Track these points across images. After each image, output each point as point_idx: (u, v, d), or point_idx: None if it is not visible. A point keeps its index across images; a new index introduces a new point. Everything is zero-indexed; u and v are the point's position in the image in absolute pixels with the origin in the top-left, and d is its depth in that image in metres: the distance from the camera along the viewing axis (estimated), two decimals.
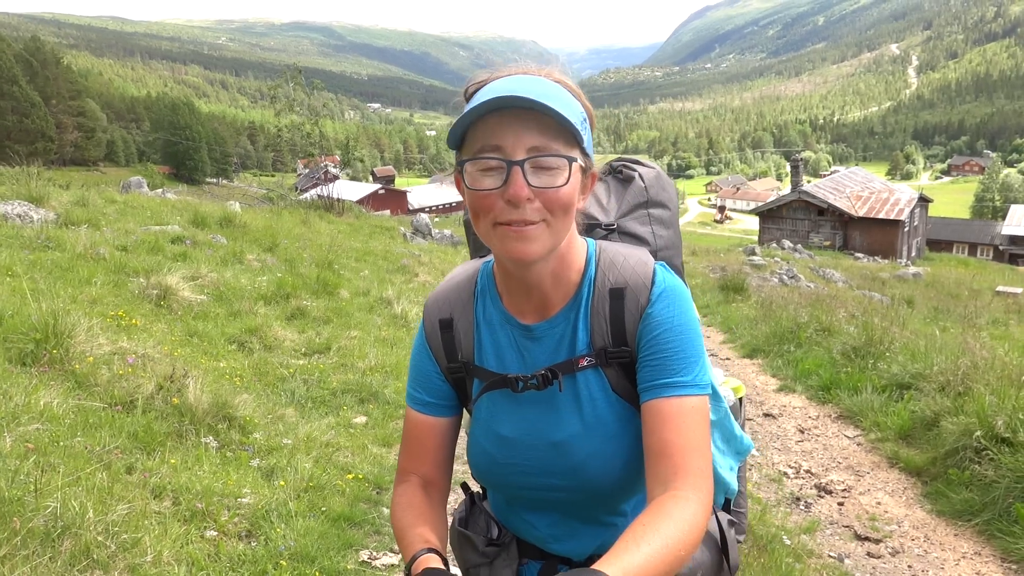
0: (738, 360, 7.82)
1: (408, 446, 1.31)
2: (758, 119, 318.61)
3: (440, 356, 1.28)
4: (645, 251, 1.24)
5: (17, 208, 8.43)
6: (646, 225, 1.40)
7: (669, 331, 1.14)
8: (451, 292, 1.29)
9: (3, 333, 4.26)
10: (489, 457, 1.26)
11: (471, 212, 1.11)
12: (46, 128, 65.19)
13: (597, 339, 1.18)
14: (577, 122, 1.07)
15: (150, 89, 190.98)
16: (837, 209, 40.30)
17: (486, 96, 1.05)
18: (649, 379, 1.14)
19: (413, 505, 1.24)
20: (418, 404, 1.30)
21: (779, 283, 16.30)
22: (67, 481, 2.81)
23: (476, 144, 1.07)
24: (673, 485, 1.07)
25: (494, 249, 1.12)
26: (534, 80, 1.10)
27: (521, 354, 1.23)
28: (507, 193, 1.04)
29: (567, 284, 1.19)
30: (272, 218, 14.53)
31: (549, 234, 1.08)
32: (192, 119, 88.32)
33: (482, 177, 1.07)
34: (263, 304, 7.04)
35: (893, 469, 4.69)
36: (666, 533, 0.99)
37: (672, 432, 1.09)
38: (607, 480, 1.19)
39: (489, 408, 1.26)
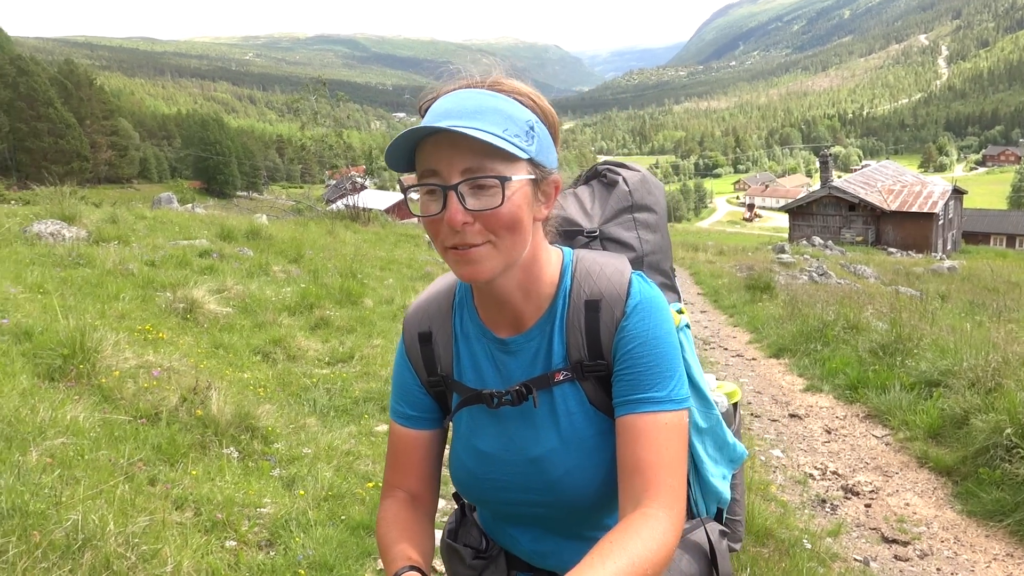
0: (764, 360, 7.72)
1: (393, 460, 1.31)
2: (785, 115, 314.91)
3: (420, 369, 1.27)
4: (623, 260, 1.21)
5: (50, 227, 8.64)
6: (631, 230, 1.38)
7: (644, 344, 1.12)
8: (430, 305, 1.28)
9: (33, 349, 4.37)
10: (469, 472, 1.25)
11: (428, 235, 1.11)
12: (81, 148, 66.85)
13: (573, 352, 1.16)
14: (518, 134, 1.05)
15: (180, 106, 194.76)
16: (869, 204, 39.63)
17: (426, 120, 1.06)
18: (623, 394, 1.12)
19: (398, 521, 1.23)
20: (401, 418, 1.30)
21: (808, 281, 16.07)
22: (89, 494, 2.87)
23: (418, 168, 1.06)
24: (644, 503, 1.05)
25: (449, 266, 1.11)
26: (470, 96, 1.07)
27: (498, 368, 1.21)
28: (445, 219, 1.03)
29: (539, 297, 1.17)
30: (298, 229, 14.72)
31: (497, 253, 1.06)
32: (221, 134, 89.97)
33: (427, 202, 1.06)
34: (287, 315, 7.13)
35: (922, 469, 4.59)
36: (633, 551, 0.97)
37: (645, 449, 1.07)
38: (586, 495, 1.17)
39: (469, 423, 1.25)
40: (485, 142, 1.01)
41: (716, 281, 14.30)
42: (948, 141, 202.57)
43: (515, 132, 1.05)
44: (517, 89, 1.12)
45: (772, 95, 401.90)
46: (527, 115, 1.09)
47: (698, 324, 10.12)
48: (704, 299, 12.71)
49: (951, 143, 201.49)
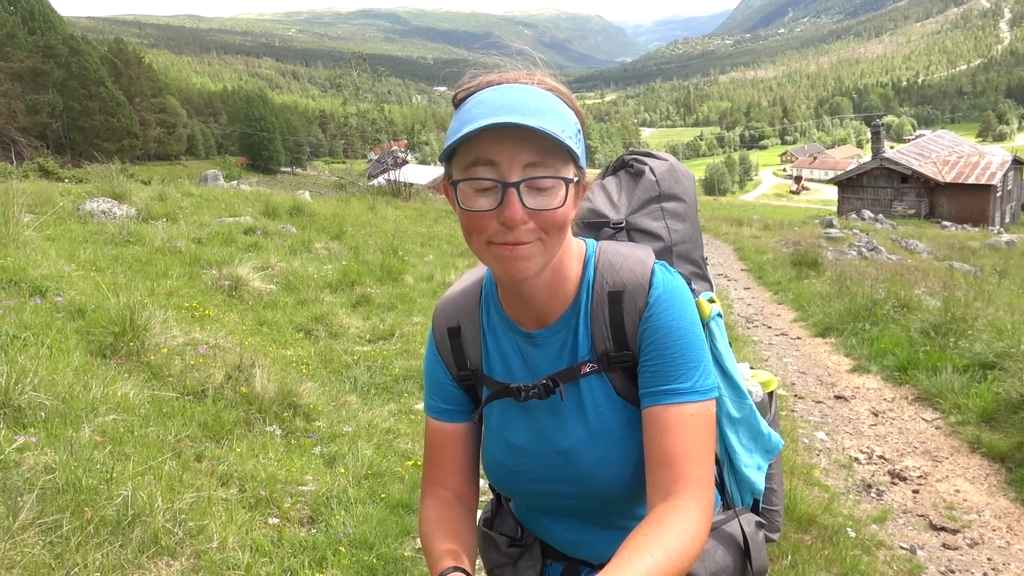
0: (809, 339, 7.56)
1: (431, 455, 1.31)
2: (836, 84, 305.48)
3: (450, 364, 1.28)
4: (647, 250, 1.20)
5: (101, 205, 8.86)
6: (659, 220, 1.36)
7: (668, 336, 1.11)
8: (458, 300, 1.29)
9: (86, 327, 4.50)
10: (501, 464, 1.26)
11: (464, 229, 1.08)
12: (131, 125, 68.38)
13: (598, 344, 1.16)
14: (572, 135, 1.04)
15: (226, 83, 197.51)
16: (922, 175, 38.34)
17: (478, 111, 1.02)
18: (648, 385, 1.12)
19: (440, 520, 1.23)
20: (435, 412, 1.30)
21: (857, 256, 15.65)
22: (139, 470, 2.96)
23: (469, 158, 1.03)
24: (673, 494, 1.05)
25: (488, 266, 1.10)
26: (526, 92, 1.05)
27: (525, 361, 1.22)
28: (502, 216, 1.02)
29: (565, 291, 1.17)
30: (340, 206, 14.85)
31: (543, 251, 1.06)
32: (266, 110, 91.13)
33: (476, 197, 1.04)
34: (329, 292, 7.22)
35: (974, 454, 4.45)
36: (668, 544, 0.98)
37: (672, 441, 1.07)
38: (617, 486, 1.17)
39: (499, 416, 1.25)
40: (549, 140, 1.01)
41: (761, 257, 14.02)
42: (1009, 109, 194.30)
43: (570, 134, 1.04)
44: (563, 90, 1.12)
45: (822, 63, 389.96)
46: (574, 117, 1.09)
47: (741, 301, 9.96)
48: (748, 275, 12.49)
49: (1012, 111, 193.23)
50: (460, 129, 1.02)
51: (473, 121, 1.01)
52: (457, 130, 1.03)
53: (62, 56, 64.87)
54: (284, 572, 2.81)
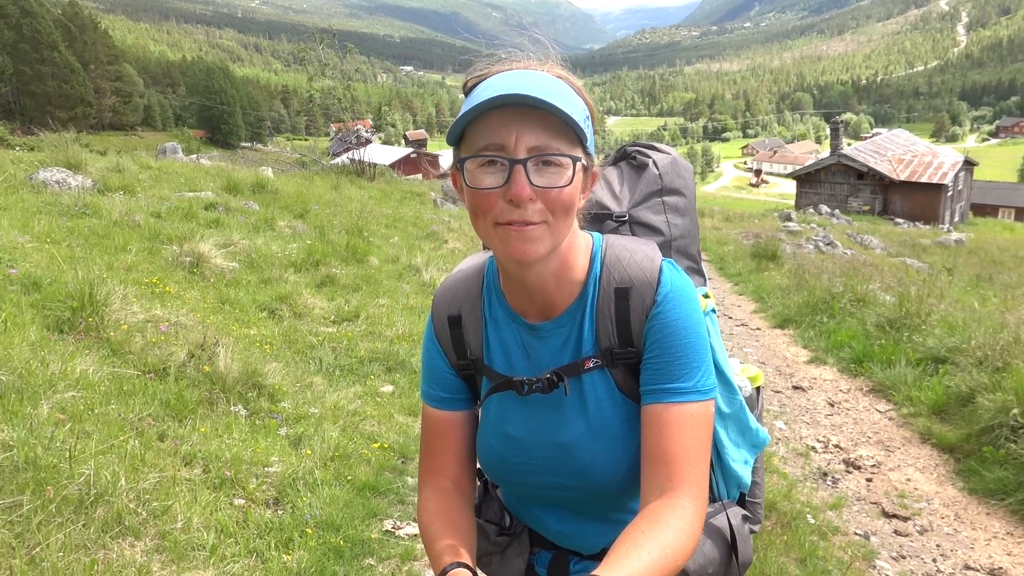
0: (768, 331, 7.72)
1: (429, 444, 1.30)
2: (798, 80, 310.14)
3: (450, 352, 1.27)
4: (652, 246, 1.20)
5: (56, 175, 8.57)
6: (660, 214, 1.36)
7: (673, 334, 1.12)
8: (459, 287, 1.27)
9: (42, 300, 4.36)
10: (497, 455, 1.25)
11: (471, 211, 1.08)
12: (85, 93, 66.11)
13: (603, 339, 1.16)
14: (580, 120, 1.04)
15: (185, 53, 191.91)
16: (878, 173, 39.22)
17: (488, 92, 1.02)
18: (650, 382, 1.12)
19: (440, 512, 1.22)
20: (434, 400, 1.29)
21: (815, 250, 15.99)
22: (101, 448, 2.90)
23: (477, 142, 1.04)
24: (669, 492, 1.06)
25: (494, 249, 1.10)
26: (537, 76, 1.06)
27: (527, 353, 1.21)
28: (509, 192, 1.02)
29: (571, 284, 1.16)
30: (304, 184, 14.61)
31: (550, 235, 1.06)
32: (227, 83, 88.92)
33: (483, 175, 1.04)
34: (293, 271, 7.12)
35: (925, 445, 4.61)
36: (664, 542, 0.99)
37: (671, 440, 1.08)
38: (614, 480, 1.18)
39: (498, 408, 1.24)
40: (558, 120, 1.02)
41: (722, 248, 14.23)
42: (962, 111, 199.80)
43: (579, 117, 1.04)
44: (574, 80, 1.12)
45: (785, 58, 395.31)
46: (583, 105, 1.10)
47: None
48: (710, 266, 12.66)
49: (965, 113, 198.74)
50: (467, 109, 1.03)
51: (480, 100, 1.01)
52: (465, 111, 1.04)
53: (12, 17, 62.27)
54: (250, 553, 2.78)
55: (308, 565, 2.77)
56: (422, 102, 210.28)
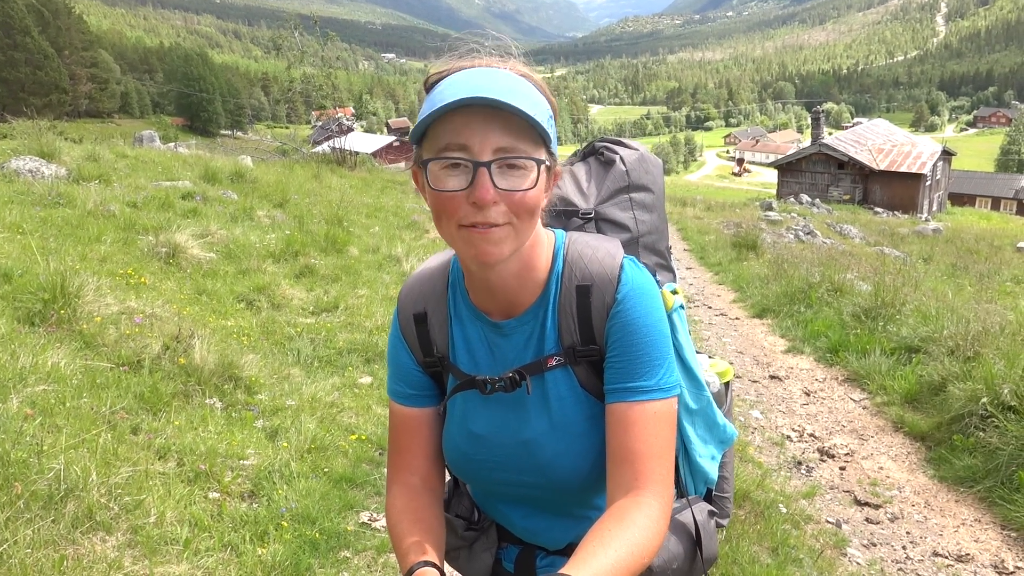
0: (747, 320, 7.78)
1: (397, 441, 1.29)
2: (780, 69, 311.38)
3: (416, 350, 1.26)
4: (615, 243, 1.20)
5: (28, 164, 8.43)
6: (627, 211, 1.36)
7: (634, 333, 1.12)
8: (424, 285, 1.27)
9: (12, 292, 4.31)
10: (462, 453, 1.25)
11: (434, 213, 1.07)
12: (59, 80, 64.95)
13: (565, 337, 1.16)
14: (544, 120, 1.04)
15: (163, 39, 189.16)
16: (858, 162, 39.54)
17: (451, 91, 1.01)
18: (613, 381, 1.13)
19: (408, 510, 1.22)
20: (401, 397, 1.29)
21: (794, 239, 16.11)
22: (72, 443, 2.87)
23: (440, 142, 1.02)
24: (635, 491, 1.07)
25: (458, 251, 1.09)
26: (499, 75, 1.05)
27: (492, 351, 1.21)
28: (473, 195, 1.01)
29: (533, 283, 1.16)
30: (284, 173, 14.49)
31: (514, 236, 1.05)
32: (205, 70, 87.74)
33: (446, 177, 1.03)
34: (272, 262, 7.06)
35: (897, 434, 4.68)
36: (631, 540, 1.00)
37: (635, 439, 1.09)
38: (576, 477, 1.19)
39: (462, 405, 1.24)
40: (522, 121, 1.01)
41: (703, 238, 14.30)
42: (940, 101, 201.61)
43: (542, 118, 1.04)
44: (536, 78, 1.12)
45: (767, 48, 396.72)
46: (547, 104, 1.10)
47: (683, 281, 10.16)
48: (690, 255, 12.73)
49: (943, 103, 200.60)
50: (430, 109, 1.01)
51: (444, 101, 0.99)
52: (427, 111, 1.02)
53: None
54: (224, 547, 2.77)
55: (283, 558, 2.77)
56: (404, 90, 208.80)
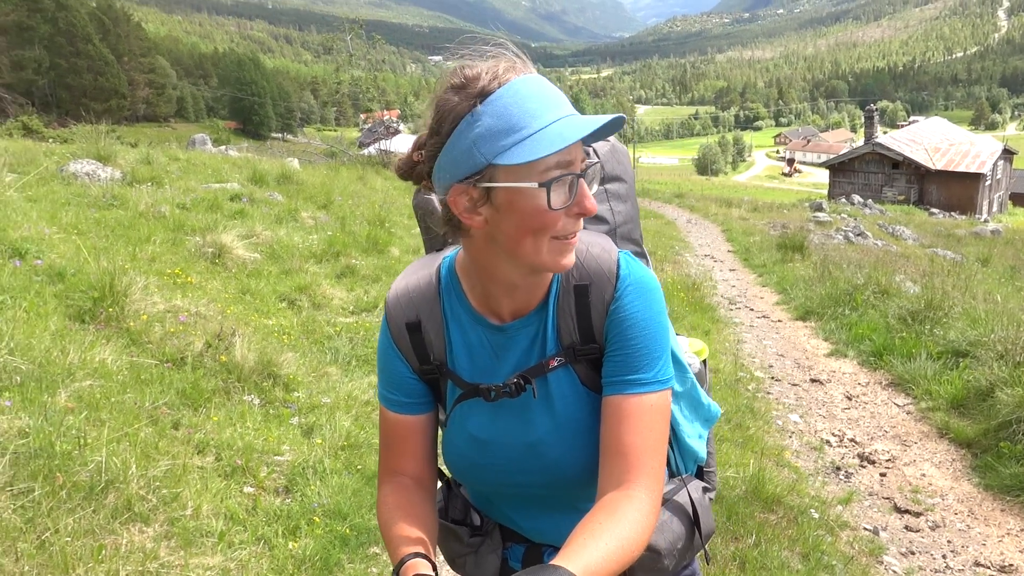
0: (790, 323, 7.64)
1: (390, 447, 1.28)
2: (833, 67, 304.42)
3: (411, 358, 1.25)
4: (604, 238, 1.21)
5: (86, 167, 8.75)
6: (603, 203, 1.36)
7: (634, 327, 1.13)
8: (413, 292, 1.24)
9: (65, 291, 4.48)
10: (465, 458, 1.25)
11: (529, 231, 1.04)
12: (119, 85, 67.23)
13: (565, 336, 1.17)
14: None
15: (217, 45, 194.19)
16: (913, 162, 38.43)
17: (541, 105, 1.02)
18: (612, 374, 1.13)
19: (400, 506, 1.21)
20: (394, 405, 1.27)
21: (843, 241, 15.74)
22: (114, 436, 2.98)
23: (549, 161, 1.02)
24: (626, 484, 1.07)
25: (539, 262, 1.07)
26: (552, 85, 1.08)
27: (496, 354, 1.21)
28: (581, 206, 1.05)
29: (542, 285, 1.17)
30: (329, 174, 14.74)
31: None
32: (257, 74, 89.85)
33: (555, 194, 1.04)
34: (314, 262, 7.20)
35: (942, 440, 4.54)
36: (621, 533, 1.01)
37: (629, 432, 1.09)
38: (584, 472, 1.19)
39: (462, 410, 1.24)
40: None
41: (748, 239, 14.08)
42: (1002, 98, 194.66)
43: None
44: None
45: (820, 45, 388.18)
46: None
47: (726, 283, 10.02)
48: (734, 257, 12.55)
49: (1005, 100, 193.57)
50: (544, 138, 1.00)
51: (560, 127, 1.01)
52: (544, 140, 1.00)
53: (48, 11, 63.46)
54: (257, 541, 2.85)
55: (313, 552, 2.83)
56: None
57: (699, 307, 7.88)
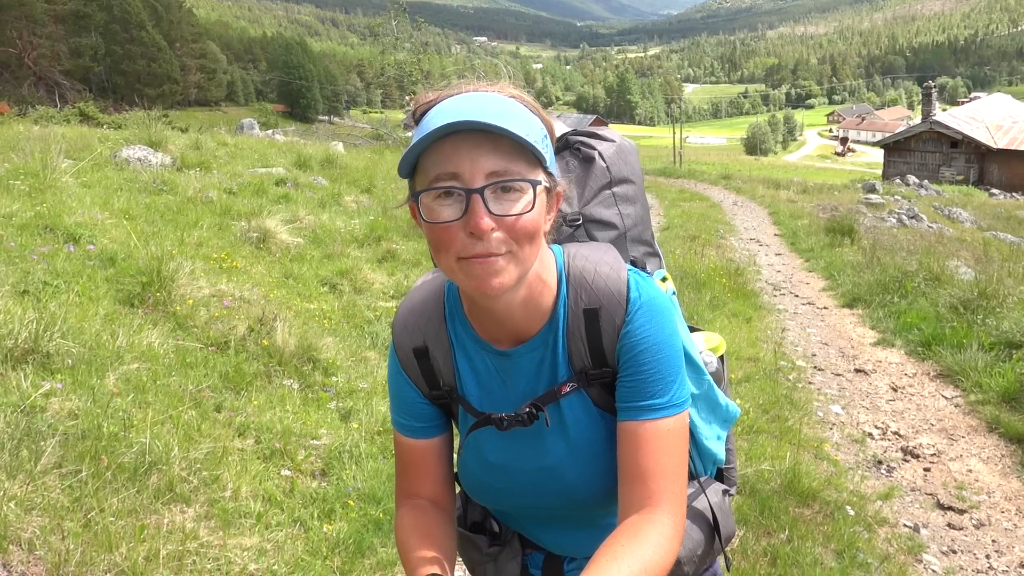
0: (836, 310, 7.46)
1: (405, 471, 1.27)
2: (889, 42, 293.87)
3: (421, 384, 1.23)
4: (613, 253, 1.18)
5: (138, 152, 8.99)
6: (612, 207, 1.31)
7: (646, 351, 1.10)
8: (420, 317, 1.22)
9: (115, 275, 4.63)
10: (480, 482, 1.25)
11: (431, 246, 1.04)
12: (172, 71, 68.75)
13: (576, 361, 1.15)
14: (538, 140, 1.01)
15: (265, 29, 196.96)
16: (973, 140, 36.97)
17: (438, 119, 0.98)
18: (626, 399, 1.11)
19: (418, 527, 1.20)
20: (407, 430, 1.26)
21: (896, 224, 15.26)
22: (159, 418, 3.08)
23: (431, 172, 1.00)
24: (647, 508, 1.06)
25: (460, 284, 1.07)
26: (486, 98, 1.03)
27: (502, 379, 1.19)
28: (469, 224, 0.98)
29: (541, 309, 1.13)
30: (373, 158, 14.87)
31: (516, 264, 1.02)
32: (304, 58, 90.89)
33: (439, 208, 1.00)
34: (356, 247, 7.30)
35: (992, 435, 4.41)
36: (643, 556, 1.00)
37: (647, 457, 1.08)
38: (599, 494, 1.18)
39: (476, 438, 1.22)
40: (514, 143, 0.98)
41: (795, 222, 13.76)
42: None
43: (536, 138, 1.01)
44: (527, 98, 1.08)
45: (876, 19, 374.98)
46: (540, 123, 1.07)
47: (771, 268, 9.83)
48: (780, 241, 12.29)
49: None
50: (416, 139, 1.00)
51: (430, 128, 0.98)
52: (414, 141, 1.00)
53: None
54: (294, 523, 2.93)
55: (347, 536, 2.89)
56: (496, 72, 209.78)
57: (741, 293, 7.76)
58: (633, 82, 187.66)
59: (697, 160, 53.35)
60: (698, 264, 8.64)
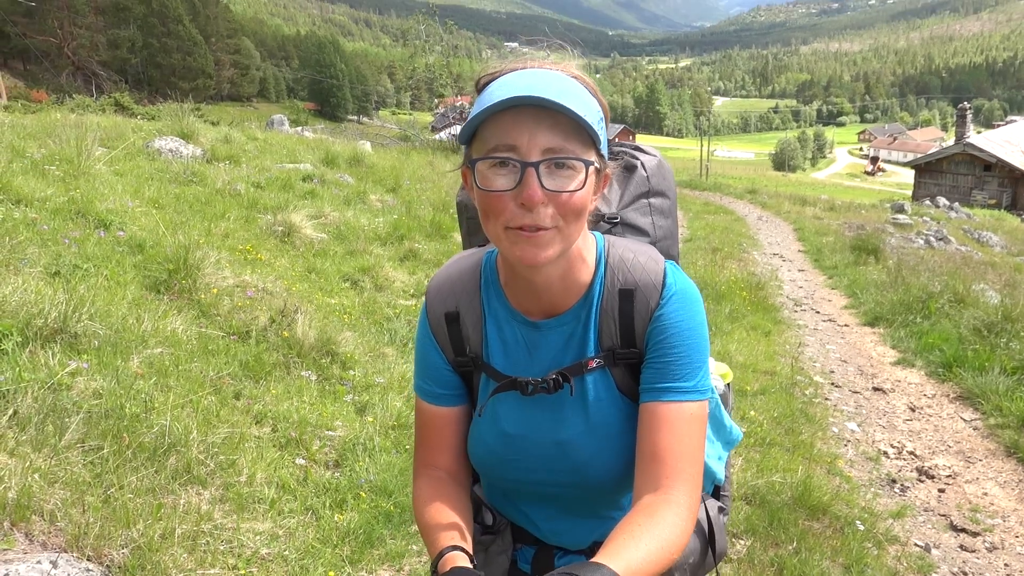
0: (857, 328, 7.40)
1: (425, 438, 1.30)
2: (926, 62, 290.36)
3: (447, 349, 1.27)
4: (653, 249, 1.21)
5: (170, 144, 9.15)
6: (647, 216, 1.36)
7: (677, 335, 1.13)
8: (455, 283, 1.26)
9: (143, 262, 4.73)
10: (492, 452, 1.26)
11: (481, 212, 1.07)
12: (206, 65, 69.72)
13: (605, 339, 1.18)
14: (594, 122, 1.04)
15: (299, 27, 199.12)
16: (1007, 164, 36.39)
17: (501, 91, 1.01)
18: (651, 381, 1.14)
19: (436, 499, 1.22)
20: (428, 396, 1.29)
21: (924, 245, 15.08)
22: (179, 402, 3.15)
23: (489, 142, 1.03)
24: (663, 488, 1.08)
25: (504, 252, 1.09)
26: (551, 76, 1.06)
27: (529, 350, 1.22)
28: (521, 196, 1.01)
29: (578, 285, 1.17)
30: (400, 158, 14.99)
31: (560, 239, 1.06)
32: (336, 57, 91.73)
33: (494, 176, 1.03)
34: (378, 244, 7.37)
35: (1010, 459, 4.35)
36: (660, 535, 1.02)
37: (667, 437, 1.10)
38: (610, 477, 1.20)
39: (493, 404, 1.24)
40: (572, 121, 1.01)
41: (820, 239, 13.65)
42: None
43: (593, 120, 1.04)
44: (589, 81, 1.12)
45: (912, 39, 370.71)
46: (598, 107, 1.10)
47: (793, 283, 9.77)
48: (804, 257, 12.20)
49: None
50: (479, 109, 1.03)
51: (493, 100, 1.01)
52: (477, 110, 1.04)
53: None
54: (306, 511, 2.98)
55: (357, 526, 2.94)
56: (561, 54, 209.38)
57: (762, 307, 7.72)
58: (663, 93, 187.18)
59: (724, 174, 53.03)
60: (719, 276, 8.61)
